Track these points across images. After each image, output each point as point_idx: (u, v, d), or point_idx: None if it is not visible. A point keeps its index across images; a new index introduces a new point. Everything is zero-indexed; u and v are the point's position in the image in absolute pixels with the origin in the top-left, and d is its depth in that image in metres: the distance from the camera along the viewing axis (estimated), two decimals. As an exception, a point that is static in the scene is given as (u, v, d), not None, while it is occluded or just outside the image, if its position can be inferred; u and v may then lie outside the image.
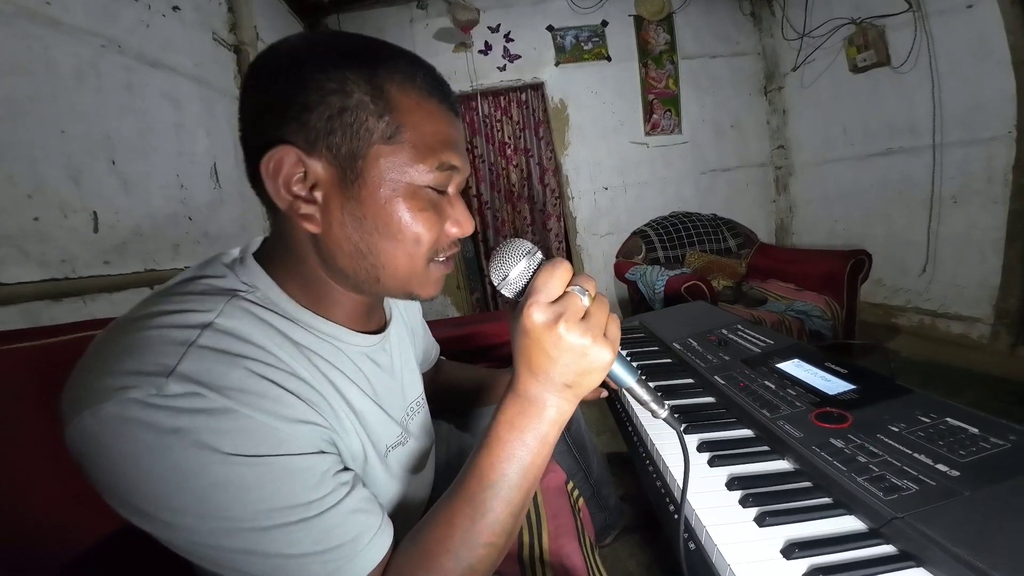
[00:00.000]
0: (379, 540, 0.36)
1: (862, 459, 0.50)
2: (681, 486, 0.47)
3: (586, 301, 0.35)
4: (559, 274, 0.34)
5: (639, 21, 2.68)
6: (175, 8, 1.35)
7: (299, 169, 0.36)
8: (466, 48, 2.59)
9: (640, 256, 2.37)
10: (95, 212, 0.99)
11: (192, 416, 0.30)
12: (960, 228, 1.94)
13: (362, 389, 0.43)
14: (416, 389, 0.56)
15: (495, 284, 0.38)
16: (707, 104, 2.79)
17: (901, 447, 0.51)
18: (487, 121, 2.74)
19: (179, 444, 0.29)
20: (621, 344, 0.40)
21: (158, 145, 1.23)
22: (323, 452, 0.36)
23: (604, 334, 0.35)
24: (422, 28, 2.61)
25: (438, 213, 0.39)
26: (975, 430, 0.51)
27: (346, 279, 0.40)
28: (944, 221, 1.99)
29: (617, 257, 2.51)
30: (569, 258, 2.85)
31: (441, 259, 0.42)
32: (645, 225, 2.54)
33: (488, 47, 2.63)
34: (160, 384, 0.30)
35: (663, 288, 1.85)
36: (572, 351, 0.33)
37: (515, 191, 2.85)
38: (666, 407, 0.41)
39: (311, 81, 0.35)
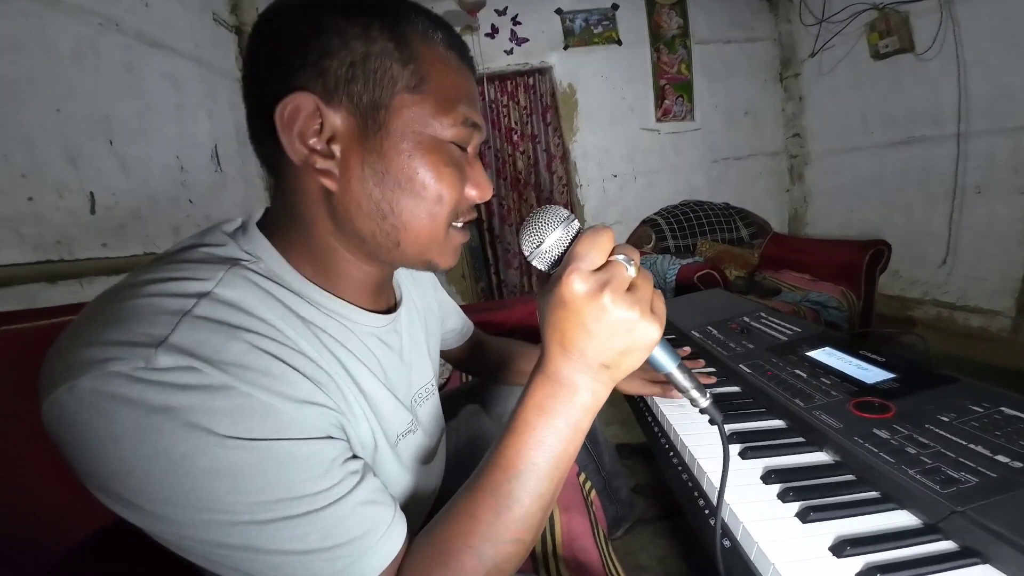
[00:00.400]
0: (392, 535, 0.33)
1: (911, 450, 0.46)
2: (719, 481, 0.44)
3: (632, 271, 0.31)
4: (602, 241, 0.31)
5: (651, 4, 2.60)
6: (174, -15, 1.31)
7: (316, 120, 0.33)
8: (472, 31, 2.53)
9: (650, 245, 2.32)
10: (92, 193, 0.96)
11: (185, 393, 0.26)
12: (983, 219, 1.88)
13: (373, 372, 0.40)
14: (426, 374, 0.53)
15: (526, 255, 0.35)
16: (720, 90, 2.71)
17: (954, 438, 0.47)
18: (493, 106, 2.68)
19: (169, 424, 0.26)
20: None
21: (158, 126, 1.19)
22: (331, 438, 0.33)
23: (651, 309, 0.31)
24: (427, 12, 2.54)
25: (460, 172, 0.37)
26: (1035, 420, 0.47)
27: (361, 244, 0.37)
28: (966, 212, 1.93)
29: (626, 247, 2.46)
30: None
31: (459, 225, 0.39)
32: (655, 214, 2.49)
33: (495, 30, 2.56)
34: (149, 356, 0.26)
35: (675, 277, 1.81)
36: (616, 326, 0.30)
37: (521, 178, 2.80)
38: (708, 395, 0.37)
39: (331, 27, 0.32)
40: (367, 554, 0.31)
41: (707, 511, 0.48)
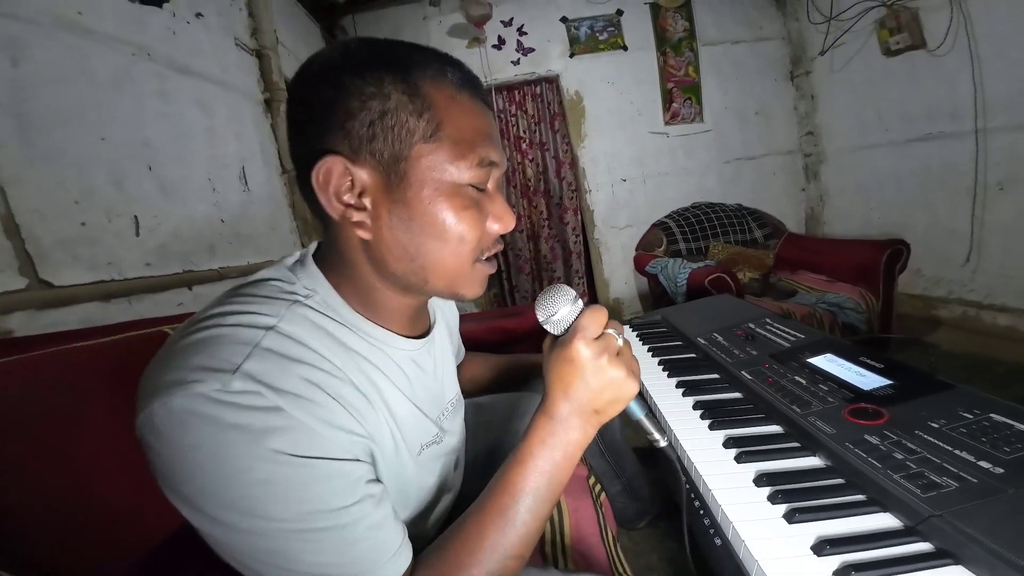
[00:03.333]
0: (401, 556, 0.37)
1: (899, 456, 0.49)
2: (684, 506, 0.47)
3: (620, 342, 0.41)
4: (599, 317, 0.41)
5: (656, 9, 2.61)
6: (198, 15, 1.39)
7: (347, 178, 0.37)
8: (480, 43, 2.59)
9: (661, 249, 2.33)
10: (136, 216, 1.05)
11: (251, 413, 0.31)
12: (1007, 216, 1.82)
13: (403, 392, 0.45)
14: (453, 388, 0.58)
15: (540, 320, 0.44)
16: (730, 91, 2.70)
17: (941, 444, 0.49)
18: (502, 116, 2.74)
19: (237, 439, 0.31)
20: (647, 338, 0.43)
21: (191, 150, 1.28)
22: (358, 460, 0.37)
23: (632, 370, 0.40)
24: (436, 25, 2.61)
25: (480, 211, 0.40)
26: (1021, 426, 0.49)
27: (396, 281, 0.42)
28: (990, 209, 1.88)
29: (637, 250, 2.47)
30: (586, 252, 2.85)
31: (485, 258, 0.43)
32: (666, 217, 2.49)
33: (502, 41, 2.61)
34: (226, 380, 0.31)
35: (686, 281, 1.82)
36: (609, 381, 0.39)
37: (531, 186, 2.84)
38: (667, 438, 0.47)
39: (350, 87, 0.36)
40: (377, 571, 0.35)
41: (701, 512, 0.52)
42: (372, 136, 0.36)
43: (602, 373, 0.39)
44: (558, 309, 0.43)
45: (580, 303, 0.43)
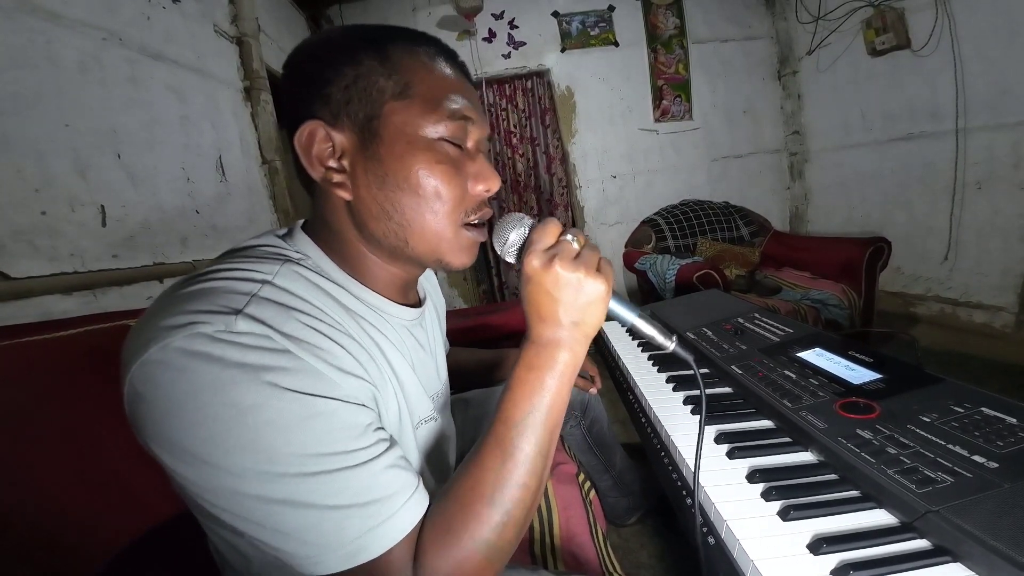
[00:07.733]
0: (418, 499, 0.35)
1: (892, 451, 0.48)
2: (694, 462, 0.46)
3: (576, 245, 0.38)
4: (549, 228, 0.38)
5: (647, 5, 2.60)
6: (175, 0, 1.34)
7: (327, 142, 0.39)
8: (470, 36, 2.55)
9: (650, 245, 2.33)
10: (103, 206, 0.99)
11: (258, 353, 0.31)
12: (984, 215, 1.87)
13: (404, 358, 0.44)
14: (444, 371, 0.57)
15: (499, 252, 0.42)
16: (719, 89, 2.71)
17: (934, 438, 0.49)
18: (492, 110, 2.70)
19: (243, 378, 0.30)
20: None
21: (164, 138, 1.22)
22: (365, 406, 0.36)
23: (597, 270, 0.37)
24: (425, 17, 2.57)
25: (457, 168, 0.40)
26: (1013, 420, 0.49)
27: (379, 245, 0.42)
28: (967, 208, 1.92)
29: (626, 247, 2.47)
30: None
31: (473, 221, 0.42)
32: (655, 214, 2.50)
33: (492, 34, 2.58)
34: (229, 321, 0.31)
35: (674, 277, 1.82)
36: (569, 285, 0.36)
37: (521, 181, 2.81)
38: (674, 339, 0.42)
39: (329, 60, 0.39)
40: (396, 515, 0.33)
41: (694, 509, 0.50)
42: (348, 99, 0.38)
43: (559, 279, 0.36)
44: (508, 235, 0.41)
45: (528, 221, 0.41)
